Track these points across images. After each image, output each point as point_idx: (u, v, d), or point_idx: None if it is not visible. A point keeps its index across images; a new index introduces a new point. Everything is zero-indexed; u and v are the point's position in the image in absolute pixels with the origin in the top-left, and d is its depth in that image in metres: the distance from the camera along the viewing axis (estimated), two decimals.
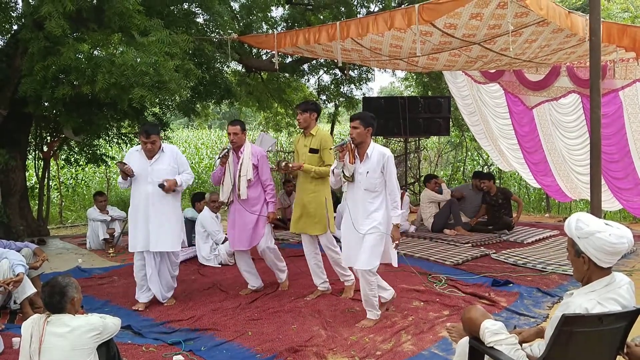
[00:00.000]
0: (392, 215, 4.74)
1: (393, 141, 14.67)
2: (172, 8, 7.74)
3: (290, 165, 5.54)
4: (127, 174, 5.26)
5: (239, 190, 5.61)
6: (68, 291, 3.17)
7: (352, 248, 4.85)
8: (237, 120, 5.85)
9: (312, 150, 5.48)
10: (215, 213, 7.56)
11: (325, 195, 5.50)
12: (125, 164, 5.27)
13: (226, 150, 5.65)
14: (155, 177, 5.28)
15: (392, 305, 5.17)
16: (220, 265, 7.18)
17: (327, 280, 5.77)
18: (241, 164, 5.61)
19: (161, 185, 5.22)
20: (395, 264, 4.91)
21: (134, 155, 5.45)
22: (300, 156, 5.63)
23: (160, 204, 5.33)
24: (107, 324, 3.21)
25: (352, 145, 4.78)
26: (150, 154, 5.32)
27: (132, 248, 5.42)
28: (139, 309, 5.32)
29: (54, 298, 3.14)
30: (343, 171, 4.81)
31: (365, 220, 4.73)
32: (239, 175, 5.61)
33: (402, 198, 9.24)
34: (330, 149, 5.21)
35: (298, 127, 5.79)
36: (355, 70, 12.35)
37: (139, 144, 5.43)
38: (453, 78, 10.40)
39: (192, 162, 18.07)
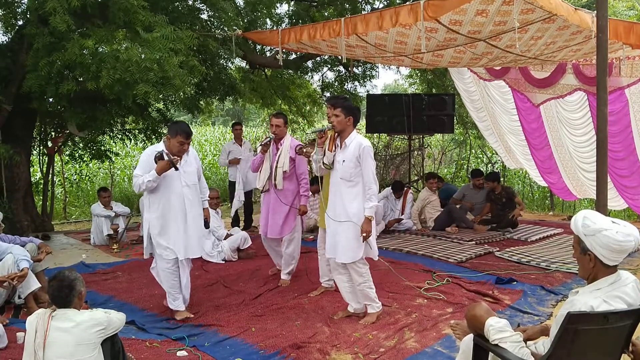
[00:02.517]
0: (365, 207, 4.62)
1: (397, 138, 14.65)
2: (176, 4, 7.75)
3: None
4: (174, 165, 4.64)
5: (275, 180, 5.85)
6: (76, 285, 3.18)
7: (331, 238, 4.83)
8: (280, 113, 6.16)
9: None
10: (215, 209, 7.54)
11: None
12: (168, 154, 4.67)
13: (268, 139, 5.88)
14: (188, 179, 4.90)
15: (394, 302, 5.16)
16: (223, 262, 7.17)
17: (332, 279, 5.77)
18: (279, 156, 5.84)
19: (207, 224, 5.17)
20: (375, 257, 4.84)
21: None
22: None
23: (195, 208, 4.98)
24: (111, 319, 3.22)
25: (335, 133, 4.75)
26: (181, 154, 4.86)
27: (168, 256, 4.86)
28: (190, 317, 4.96)
29: (63, 292, 3.15)
30: (323, 160, 4.81)
31: (342, 210, 4.70)
32: (276, 166, 5.84)
33: (405, 195, 9.32)
34: (307, 133, 5.20)
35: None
36: (359, 67, 12.32)
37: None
38: (460, 74, 10.36)
39: None
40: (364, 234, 4.61)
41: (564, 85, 8.98)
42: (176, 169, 4.69)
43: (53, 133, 10.02)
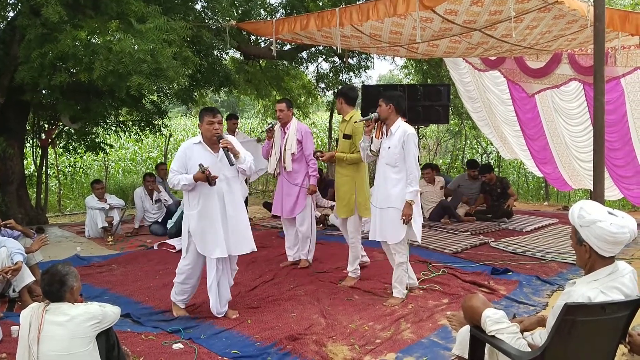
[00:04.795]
0: (406, 192, 4.85)
1: None
2: None
3: (321, 157, 5.96)
4: (210, 181, 4.45)
5: (284, 163, 6.14)
6: (67, 280, 3.14)
7: (377, 222, 5.08)
8: (284, 99, 6.56)
9: (345, 136, 5.70)
10: None
11: (357, 180, 5.66)
12: (208, 169, 4.43)
13: (271, 125, 6.25)
14: (228, 173, 4.61)
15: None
16: None
17: (366, 255, 6.09)
18: (286, 139, 6.11)
19: (230, 162, 4.52)
20: (418, 240, 5.12)
21: (194, 150, 4.58)
22: (339, 141, 5.96)
23: (236, 202, 4.68)
24: (106, 313, 3.19)
25: (379, 121, 5.05)
26: (217, 135, 4.53)
27: (209, 254, 4.61)
28: (181, 314, 4.82)
29: (54, 286, 3.11)
30: (370, 147, 5.10)
31: (386, 194, 4.98)
32: (284, 149, 6.11)
33: None
34: (355, 122, 5.50)
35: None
36: (354, 58, 12.28)
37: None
38: (455, 65, 10.32)
39: None
40: (404, 217, 4.85)
41: (559, 75, 8.96)
42: (211, 184, 4.46)
43: (46, 125, 9.96)
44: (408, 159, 4.87)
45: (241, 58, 11.84)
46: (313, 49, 11.46)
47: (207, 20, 8.27)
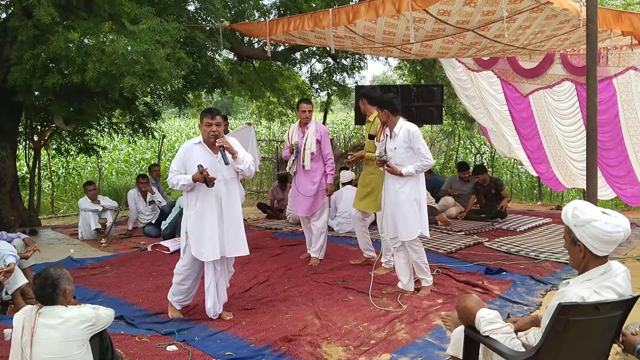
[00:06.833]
0: (408, 166, 5.03)
1: None
2: None
3: (351, 158, 6.21)
4: (208, 182, 4.42)
5: (303, 161, 6.30)
6: (60, 283, 3.13)
7: (389, 221, 5.25)
8: (309, 99, 6.70)
9: (370, 136, 5.90)
10: None
11: (383, 177, 5.73)
12: (206, 170, 4.40)
13: (296, 144, 6.31)
14: (225, 173, 4.58)
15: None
16: None
17: (373, 249, 6.30)
18: (306, 139, 6.28)
19: (226, 162, 4.45)
20: (426, 234, 5.26)
21: (194, 151, 4.58)
22: (365, 141, 6.12)
23: (233, 204, 4.66)
24: (99, 315, 3.18)
25: (382, 125, 5.34)
26: (213, 137, 4.49)
27: (202, 257, 4.57)
28: (176, 316, 4.81)
29: (46, 290, 3.10)
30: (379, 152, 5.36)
31: (394, 194, 5.14)
32: (304, 149, 6.27)
33: None
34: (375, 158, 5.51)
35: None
36: (348, 59, 12.29)
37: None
38: (451, 64, 10.32)
39: None
40: (382, 160, 5.17)
41: (552, 75, 8.99)
42: (208, 185, 4.42)
43: (39, 127, 9.92)
44: (419, 151, 5.01)
45: (235, 59, 11.82)
46: (306, 49, 11.46)
47: (200, 22, 8.25)
